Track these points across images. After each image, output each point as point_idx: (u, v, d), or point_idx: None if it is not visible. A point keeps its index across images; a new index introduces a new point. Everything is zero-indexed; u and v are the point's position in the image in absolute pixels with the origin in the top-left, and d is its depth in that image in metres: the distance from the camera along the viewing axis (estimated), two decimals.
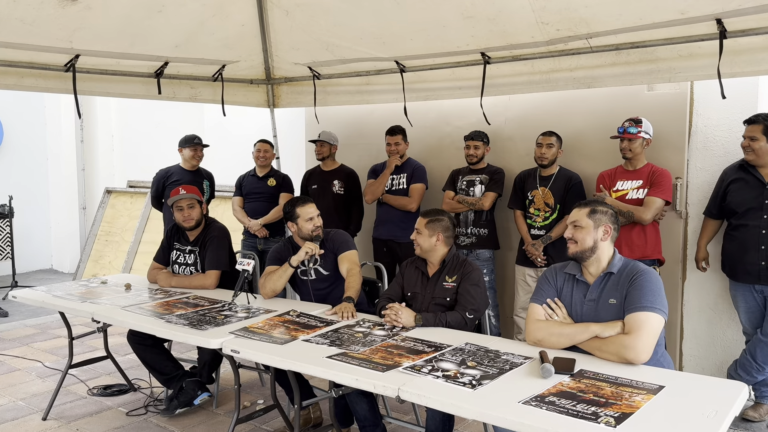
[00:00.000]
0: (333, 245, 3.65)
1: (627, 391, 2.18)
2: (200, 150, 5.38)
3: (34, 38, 3.95)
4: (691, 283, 4.25)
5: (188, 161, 5.38)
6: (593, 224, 2.67)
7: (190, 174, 5.38)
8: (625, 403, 2.08)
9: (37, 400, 4.19)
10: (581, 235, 2.67)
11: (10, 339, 5.65)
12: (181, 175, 5.36)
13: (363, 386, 2.41)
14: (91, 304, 3.59)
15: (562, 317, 2.67)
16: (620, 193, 4.01)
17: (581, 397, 2.13)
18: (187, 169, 5.41)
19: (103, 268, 7.81)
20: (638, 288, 2.52)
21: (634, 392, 2.17)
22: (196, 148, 5.34)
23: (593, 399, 2.12)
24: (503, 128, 4.92)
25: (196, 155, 5.36)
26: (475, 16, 3.80)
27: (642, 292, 2.50)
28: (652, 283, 2.53)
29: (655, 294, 2.50)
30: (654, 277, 2.56)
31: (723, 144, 4.10)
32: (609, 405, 2.07)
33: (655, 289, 2.51)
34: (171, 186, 5.31)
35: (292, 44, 4.86)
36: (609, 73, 3.93)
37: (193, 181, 5.19)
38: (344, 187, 5.19)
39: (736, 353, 4.03)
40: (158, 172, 5.48)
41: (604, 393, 2.17)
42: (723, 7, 3.19)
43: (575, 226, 2.71)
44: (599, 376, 2.32)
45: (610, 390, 2.19)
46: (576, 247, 2.69)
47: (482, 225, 4.63)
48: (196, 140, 5.38)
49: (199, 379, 3.95)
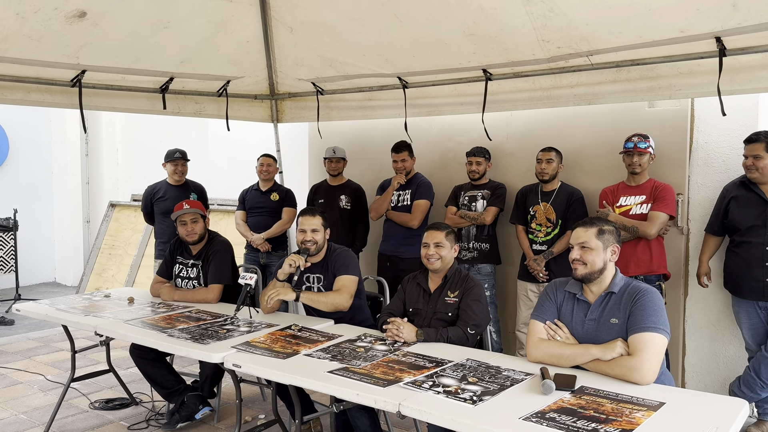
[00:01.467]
0: (334, 266, 3.59)
1: (627, 408, 2.18)
2: (181, 165, 5.37)
3: (41, 54, 4.00)
4: (693, 299, 4.25)
5: (171, 176, 5.40)
6: (602, 245, 2.63)
7: (177, 189, 5.38)
8: (626, 420, 2.08)
9: (39, 414, 4.20)
10: (591, 258, 2.62)
11: (12, 352, 5.66)
12: (167, 190, 5.39)
13: (364, 401, 2.41)
14: (94, 318, 3.60)
15: (565, 338, 2.66)
16: (624, 209, 4.03)
17: (582, 414, 2.14)
18: (173, 184, 5.42)
19: (106, 282, 7.83)
20: (641, 308, 2.51)
21: (634, 409, 2.17)
22: (176, 163, 5.35)
23: (593, 415, 2.12)
24: (505, 144, 4.95)
25: (176, 170, 5.36)
26: (476, 34, 3.84)
27: (645, 313, 2.49)
28: (654, 303, 2.52)
29: (658, 314, 2.49)
30: (656, 296, 2.56)
31: (724, 160, 4.12)
32: (609, 421, 2.07)
33: (658, 309, 2.51)
34: (158, 202, 5.36)
35: (296, 60, 4.91)
36: (610, 90, 3.95)
37: (180, 195, 5.17)
38: (350, 202, 5.21)
39: (738, 370, 4.02)
40: (146, 189, 5.51)
41: (604, 409, 2.17)
42: (722, 25, 3.22)
43: (583, 248, 2.64)
44: (600, 392, 2.32)
45: (611, 406, 2.19)
46: (585, 269, 2.63)
47: (484, 240, 4.64)
48: (176, 155, 5.38)
49: (201, 393, 3.95)
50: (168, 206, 5.17)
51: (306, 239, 3.55)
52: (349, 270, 3.56)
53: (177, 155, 5.37)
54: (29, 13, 3.59)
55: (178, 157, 5.36)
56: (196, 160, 6.72)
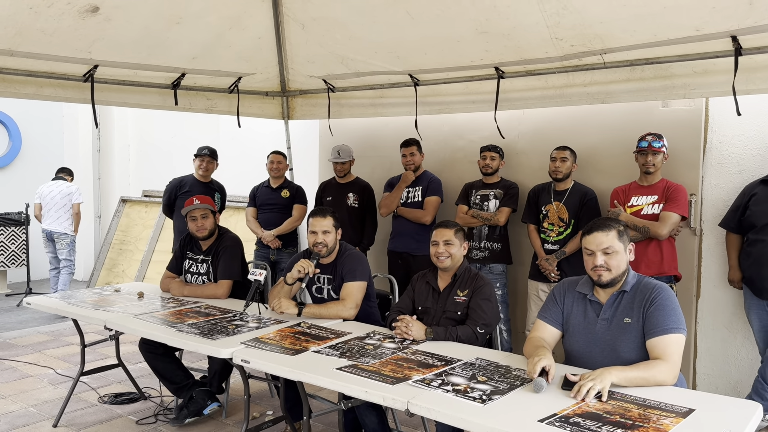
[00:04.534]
0: (342, 269, 3.55)
1: (656, 414, 2.10)
2: (206, 161, 5.41)
3: (54, 48, 4.02)
4: (705, 300, 4.21)
5: (196, 171, 5.44)
6: (623, 247, 2.57)
7: (202, 185, 5.42)
8: (653, 426, 2.00)
9: (48, 407, 4.22)
10: (616, 262, 2.54)
11: (23, 345, 5.70)
12: (192, 185, 5.41)
13: (372, 399, 2.40)
14: (103, 312, 3.61)
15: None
16: (635, 209, 3.99)
17: (607, 419, 2.07)
18: (199, 180, 5.45)
19: (116, 277, 7.87)
20: (659, 309, 2.46)
21: (662, 415, 2.09)
22: (203, 159, 5.40)
23: (620, 421, 2.05)
24: (517, 142, 4.92)
25: (201, 166, 5.41)
26: (489, 32, 3.82)
27: (665, 312, 2.45)
28: (670, 300, 2.49)
29: (676, 312, 2.46)
30: (670, 294, 2.52)
31: (738, 161, 4.07)
32: (636, 427, 1.99)
33: (674, 306, 2.48)
34: (182, 196, 5.36)
35: (308, 57, 4.91)
36: (623, 88, 3.92)
37: (203, 192, 5.19)
38: (359, 200, 5.20)
39: (750, 372, 3.98)
40: (171, 181, 5.54)
41: (631, 415, 2.09)
42: (738, 24, 3.18)
43: (607, 253, 2.55)
44: (627, 397, 2.25)
45: (638, 412, 2.12)
46: (610, 274, 2.55)
47: (496, 239, 4.61)
48: (204, 151, 5.42)
49: (209, 388, 3.96)
50: None
51: (317, 241, 3.51)
52: (356, 276, 3.51)
53: (205, 152, 5.43)
54: (42, 7, 3.60)
55: (205, 154, 5.42)
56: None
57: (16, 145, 8.71)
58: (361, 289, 3.50)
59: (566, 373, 2.40)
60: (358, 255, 3.65)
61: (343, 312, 3.41)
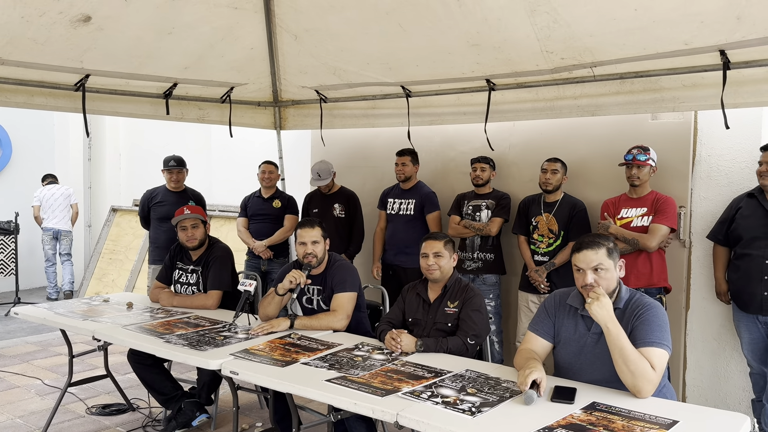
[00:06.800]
0: (332, 280, 3.53)
1: (639, 425, 2.10)
2: (176, 173, 5.34)
3: (45, 57, 4.01)
4: (694, 312, 4.23)
5: (168, 183, 5.39)
6: (613, 264, 2.58)
7: (175, 195, 5.36)
8: None
9: (36, 418, 4.17)
10: (606, 283, 2.55)
11: (10, 356, 5.65)
12: (165, 196, 5.37)
13: (361, 411, 2.39)
14: (92, 322, 3.59)
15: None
16: (625, 221, 4.01)
17: (591, 430, 2.08)
18: (171, 190, 5.41)
19: (106, 287, 7.82)
20: (645, 323, 2.47)
21: (646, 426, 2.10)
22: (171, 171, 5.33)
23: None
24: (507, 154, 4.94)
25: (172, 178, 5.34)
26: (480, 44, 3.84)
27: (650, 327, 2.46)
28: (658, 318, 2.49)
29: (662, 329, 2.46)
30: (660, 311, 2.52)
31: (727, 173, 4.11)
32: None
33: (662, 323, 2.48)
34: (155, 207, 5.34)
35: (300, 68, 4.92)
36: (613, 101, 3.95)
37: (177, 202, 5.10)
38: (345, 210, 5.20)
39: (739, 385, 3.99)
40: (144, 193, 5.50)
41: (615, 427, 2.10)
42: (726, 38, 3.22)
43: (598, 270, 2.55)
44: (612, 409, 2.25)
45: (622, 424, 2.12)
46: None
47: (488, 250, 4.62)
48: (171, 163, 5.34)
49: (198, 400, 3.93)
50: (164, 212, 5.16)
51: (307, 252, 3.50)
52: (346, 287, 3.50)
53: (171, 163, 5.34)
54: (34, 16, 3.59)
55: (172, 166, 5.33)
56: (198, 166, 6.74)
57: (6, 154, 8.67)
58: (351, 300, 3.49)
59: (555, 384, 2.41)
60: (348, 265, 3.65)
61: (334, 323, 3.40)
